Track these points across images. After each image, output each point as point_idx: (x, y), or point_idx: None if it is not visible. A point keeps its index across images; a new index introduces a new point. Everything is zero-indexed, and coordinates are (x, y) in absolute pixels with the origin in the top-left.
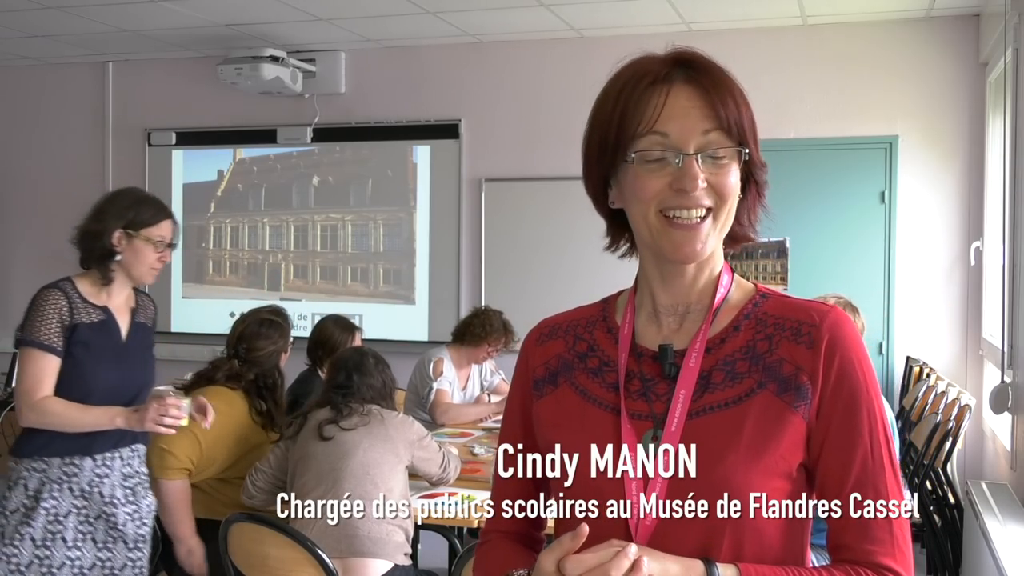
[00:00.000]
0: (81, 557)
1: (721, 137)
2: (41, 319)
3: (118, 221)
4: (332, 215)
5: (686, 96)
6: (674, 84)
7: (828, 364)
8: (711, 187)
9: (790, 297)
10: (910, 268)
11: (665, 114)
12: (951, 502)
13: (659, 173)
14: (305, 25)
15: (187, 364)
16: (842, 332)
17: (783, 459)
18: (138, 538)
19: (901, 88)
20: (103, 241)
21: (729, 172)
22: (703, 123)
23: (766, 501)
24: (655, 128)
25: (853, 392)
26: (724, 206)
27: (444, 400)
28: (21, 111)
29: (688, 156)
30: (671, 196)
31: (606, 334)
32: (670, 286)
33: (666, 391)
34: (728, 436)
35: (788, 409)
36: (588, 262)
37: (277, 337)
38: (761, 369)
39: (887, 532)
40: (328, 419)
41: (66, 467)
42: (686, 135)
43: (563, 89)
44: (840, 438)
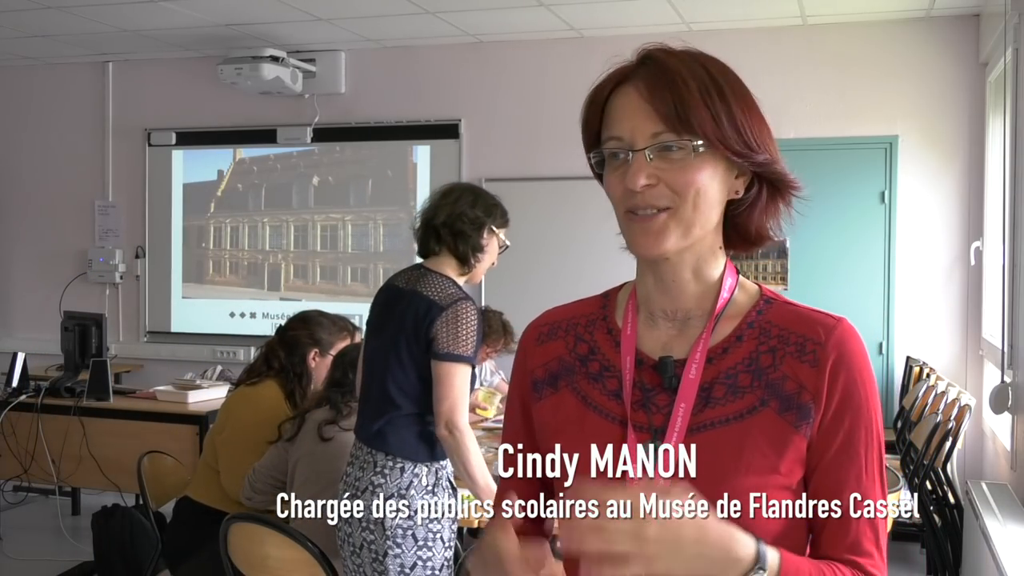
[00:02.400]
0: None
1: (670, 132)
2: (472, 335)
3: (489, 216)
4: (332, 215)
5: (636, 93)
6: (627, 83)
7: (832, 384)
8: (665, 184)
9: (795, 305)
10: (910, 268)
11: (618, 115)
12: (951, 502)
13: (619, 172)
14: (305, 25)
15: (187, 364)
16: (848, 349)
17: (783, 476)
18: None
19: (901, 88)
20: (480, 233)
21: (686, 168)
22: (650, 119)
23: (766, 509)
24: (611, 129)
25: (856, 412)
26: (684, 203)
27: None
28: (21, 111)
29: (637, 152)
30: (627, 195)
31: (606, 335)
32: (664, 290)
33: (666, 403)
34: (728, 454)
35: (790, 429)
36: (589, 262)
37: (310, 330)
38: (764, 385)
39: (874, 544)
40: (327, 419)
41: (442, 469)
42: (635, 133)
43: (563, 89)
44: (840, 456)
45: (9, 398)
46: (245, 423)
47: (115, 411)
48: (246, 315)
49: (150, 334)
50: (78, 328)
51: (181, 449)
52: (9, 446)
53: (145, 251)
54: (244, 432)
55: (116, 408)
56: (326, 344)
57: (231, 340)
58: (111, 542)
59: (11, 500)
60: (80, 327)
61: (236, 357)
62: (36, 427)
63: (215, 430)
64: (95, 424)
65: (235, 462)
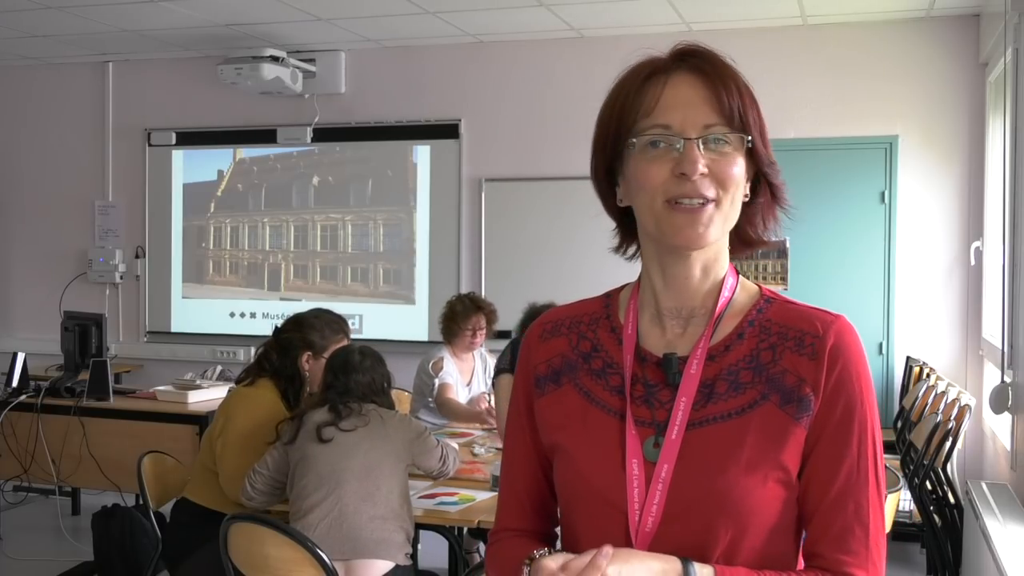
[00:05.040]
0: None
1: (724, 126)
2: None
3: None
4: (332, 215)
5: (688, 84)
6: (675, 74)
7: (829, 374)
8: (712, 175)
9: (794, 303)
10: (910, 268)
11: (666, 103)
12: (951, 502)
13: (662, 160)
14: (305, 25)
15: (187, 364)
16: (844, 343)
17: (783, 470)
18: None
19: (901, 88)
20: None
21: (732, 161)
22: (705, 110)
23: (764, 508)
24: (656, 117)
25: (848, 404)
26: (727, 196)
27: (446, 394)
28: (21, 111)
29: (689, 140)
30: (674, 184)
31: (609, 333)
32: (672, 288)
33: (669, 398)
34: (729, 448)
35: (791, 421)
36: (589, 262)
37: (303, 332)
38: (764, 380)
39: (863, 545)
40: (326, 421)
41: None
42: (688, 122)
43: (563, 89)
44: (829, 448)
45: (9, 398)
46: (243, 424)
47: (115, 411)
48: (246, 315)
49: (150, 334)
50: (78, 328)
51: (181, 449)
52: (9, 446)
53: (145, 251)
54: (242, 433)
55: (116, 408)
56: (319, 346)
57: (231, 340)
58: (111, 542)
59: (11, 500)
60: (80, 327)
61: (236, 357)
62: (36, 427)
63: (212, 431)
64: (95, 424)
65: (234, 463)
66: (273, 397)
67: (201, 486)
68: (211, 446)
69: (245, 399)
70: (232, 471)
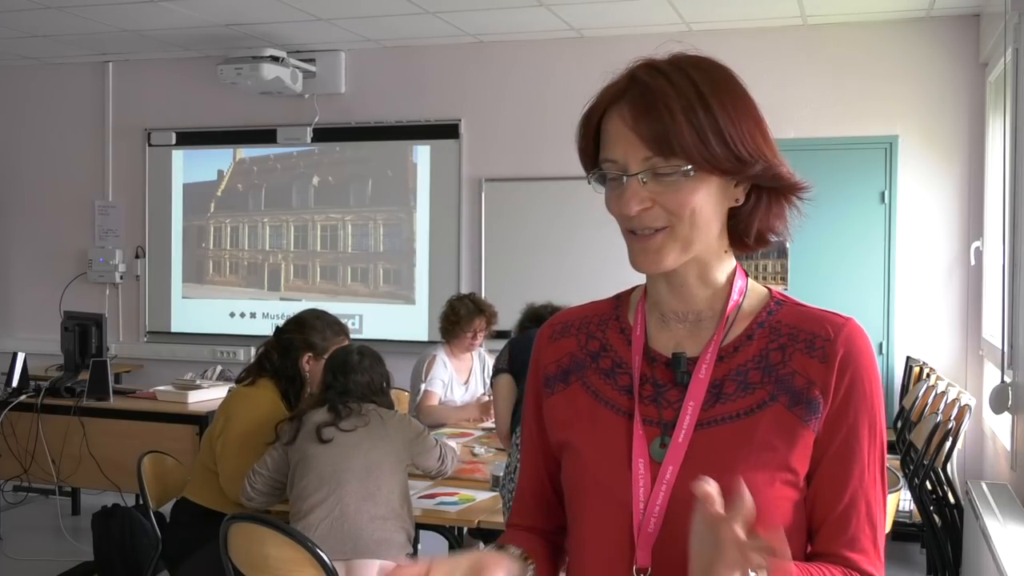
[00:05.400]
0: None
1: (658, 156)
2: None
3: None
4: (332, 215)
5: (621, 119)
6: (615, 106)
7: (840, 378)
8: (660, 206)
9: (805, 305)
10: (910, 268)
11: (609, 138)
12: (951, 502)
13: (617, 193)
14: (305, 25)
15: (187, 364)
16: (856, 347)
17: (791, 472)
18: None
19: (901, 88)
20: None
21: (680, 189)
22: (638, 145)
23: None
24: (606, 151)
25: (860, 408)
26: (680, 223)
27: (427, 403)
28: (21, 111)
29: (630, 177)
30: (624, 217)
31: (619, 334)
32: (675, 293)
33: (677, 398)
34: (737, 448)
35: (799, 423)
36: (589, 262)
37: (304, 333)
38: (773, 381)
39: (872, 542)
40: (326, 421)
41: None
42: (628, 158)
43: (563, 89)
44: (843, 452)
45: (9, 398)
46: (243, 424)
47: (115, 411)
48: (246, 315)
49: (150, 334)
50: (78, 328)
51: (181, 449)
52: (9, 446)
53: (145, 251)
54: (242, 433)
55: (116, 408)
56: (320, 347)
57: (231, 340)
58: (111, 542)
59: (11, 500)
60: (80, 327)
61: (236, 357)
62: (36, 427)
63: (212, 431)
64: (95, 424)
65: (234, 463)
66: (273, 397)
67: (201, 486)
68: (211, 446)
69: (245, 399)
70: (232, 471)
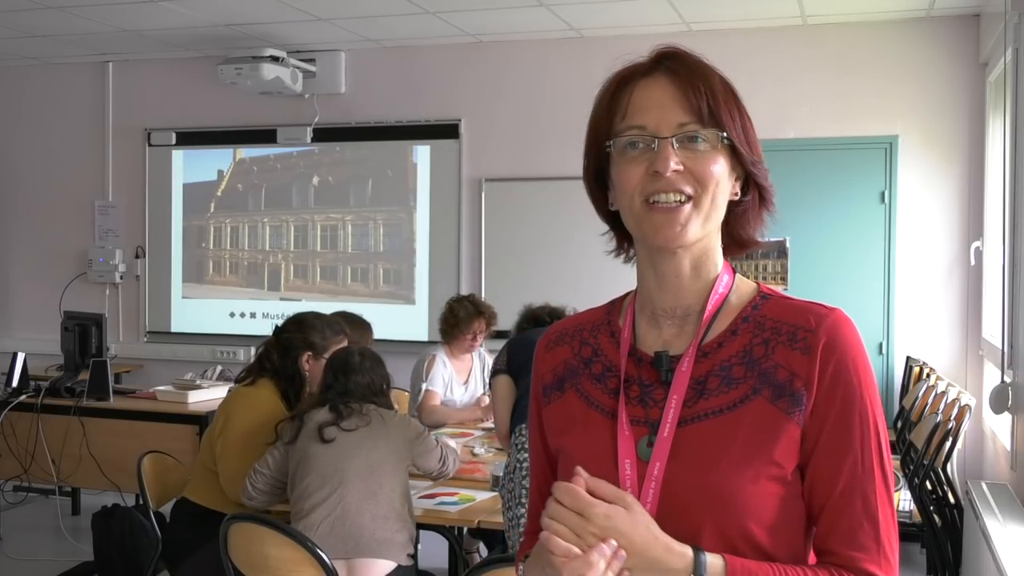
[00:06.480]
0: None
1: (696, 123)
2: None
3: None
4: (332, 215)
5: (660, 86)
6: (648, 76)
7: (823, 369)
8: (689, 172)
9: (790, 299)
10: (910, 268)
11: (641, 105)
12: (951, 502)
13: (639, 160)
14: (305, 25)
15: (187, 364)
16: (839, 335)
17: (776, 466)
18: None
19: (901, 88)
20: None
21: (709, 158)
22: (677, 110)
23: (758, 504)
24: (631, 119)
25: (847, 398)
26: (705, 193)
27: (429, 403)
28: (21, 111)
29: (663, 140)
30: (650, 182)
31: (610, 338)
32: (665, 288)
33: (663, 397)
34: (720, 443)
35: (782, 416)
36: (588, 262)
37: (304, 333)
38: (756, 375)
39: (873, 539)
40: (328, 421)
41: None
42: (662, 122)
43: (563, 89)
44: (831, 443)
45: (9, 398)
46: (244, 424)
47: (115, 411)
48: (246, 315)
49: (150, 334)
50: (78, 328)
51: (181, 449)
52: (9, 446)
53: (145, 251)
54: (243, 433)
55: (116, 408)
56: (320, 347)
57: (231, 340)
58: (111, 542)
59: (11, 500)
60: (80, 327)
61: (236, 357)
62: (36, 427)
63: (212, 431)
64: (95, 424)
65: (234, 463)
66: (273, 397)
67: (201, 486)
68: (211, 446)
69: (245, 399)
70: (232, 471)
